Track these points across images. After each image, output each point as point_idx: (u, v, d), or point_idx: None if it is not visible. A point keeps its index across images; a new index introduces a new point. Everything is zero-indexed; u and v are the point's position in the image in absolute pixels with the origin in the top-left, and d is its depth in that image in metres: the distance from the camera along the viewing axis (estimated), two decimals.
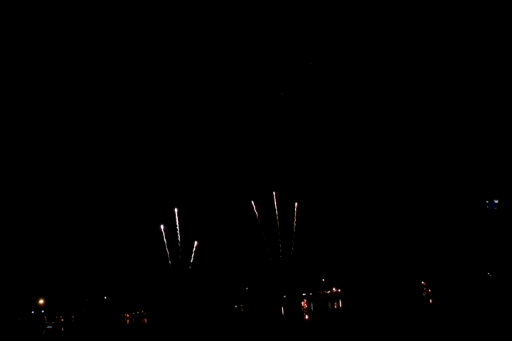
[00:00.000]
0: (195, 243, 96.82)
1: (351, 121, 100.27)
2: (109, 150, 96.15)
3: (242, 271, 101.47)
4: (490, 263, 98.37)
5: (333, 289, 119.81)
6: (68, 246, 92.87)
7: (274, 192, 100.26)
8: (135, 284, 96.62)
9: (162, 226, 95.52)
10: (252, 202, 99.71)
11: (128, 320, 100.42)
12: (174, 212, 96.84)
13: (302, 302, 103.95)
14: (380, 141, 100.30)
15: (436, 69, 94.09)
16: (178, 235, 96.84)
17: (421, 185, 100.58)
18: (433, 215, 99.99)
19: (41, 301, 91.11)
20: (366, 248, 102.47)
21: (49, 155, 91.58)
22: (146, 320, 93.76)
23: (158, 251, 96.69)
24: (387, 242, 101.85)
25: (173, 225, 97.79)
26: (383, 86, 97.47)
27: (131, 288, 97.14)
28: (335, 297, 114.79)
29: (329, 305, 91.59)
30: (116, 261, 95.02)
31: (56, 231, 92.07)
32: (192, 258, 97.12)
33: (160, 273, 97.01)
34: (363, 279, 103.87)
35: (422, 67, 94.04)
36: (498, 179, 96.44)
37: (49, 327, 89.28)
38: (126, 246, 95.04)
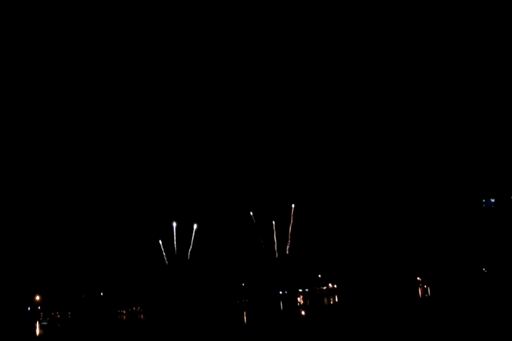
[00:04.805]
0: (192, 239, 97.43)
1: (349, 119, 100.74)
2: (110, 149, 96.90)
3: (239, 268, 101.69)
4: (485, 259, 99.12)
5: (329, 285, 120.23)
6: (64, 243, 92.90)
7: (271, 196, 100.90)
8: (132, 280, 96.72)
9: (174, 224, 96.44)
10: (251, 213, 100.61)
11: (124, 316, 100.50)
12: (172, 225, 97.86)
13: (298, 298, 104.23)
14: (378, 138, 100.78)
15: (433, 66, 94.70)
16: (174, 233, 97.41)
17: (419, 182, 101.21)
18: (430, 212, 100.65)
19: (37, 297, 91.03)
20: (362, 244, 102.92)
21: (51, 156, 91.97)
22: (142, 316, 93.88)
23: (154, 247, 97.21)
24: (384, 239, 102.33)
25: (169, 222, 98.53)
26: (382, 85, 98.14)
27: (128, 284, 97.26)
28: (331, 292, 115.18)
29: (325, 300, 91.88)
30: (112, 258, 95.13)
31: (52, 228, 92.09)
32: (189, 256, 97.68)
33: (156, 270, 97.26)
34: (358, 275, 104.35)
35: (421, 65, 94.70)
36: (495, 178, 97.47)
37: (44, 323, 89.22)
38: (122, 242, 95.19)
